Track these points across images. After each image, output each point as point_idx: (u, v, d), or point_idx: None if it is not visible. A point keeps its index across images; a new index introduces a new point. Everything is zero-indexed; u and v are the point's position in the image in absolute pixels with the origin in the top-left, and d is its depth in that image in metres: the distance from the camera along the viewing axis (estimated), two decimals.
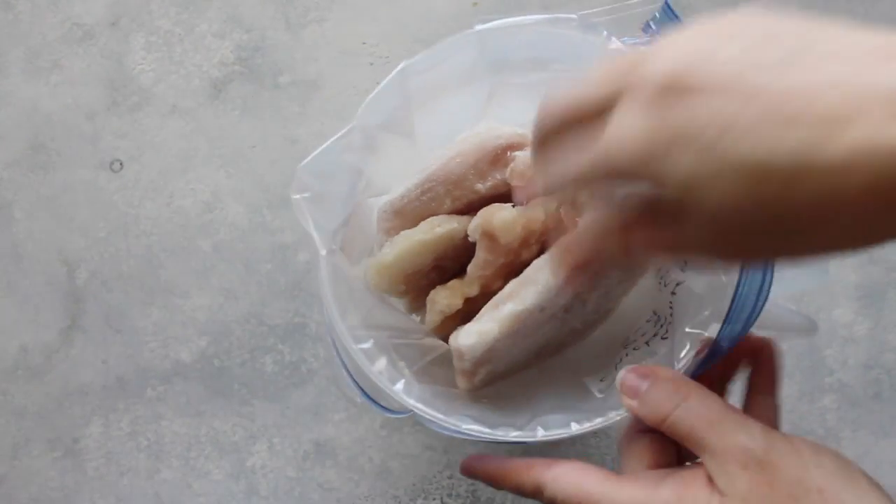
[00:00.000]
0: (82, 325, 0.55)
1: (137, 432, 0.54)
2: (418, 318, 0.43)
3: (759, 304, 0.34)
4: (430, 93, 0.41)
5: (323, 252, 0.38)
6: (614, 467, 0.31)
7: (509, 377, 0.42)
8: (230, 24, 0.60)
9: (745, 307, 0.34)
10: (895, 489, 0.52)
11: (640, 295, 0.42)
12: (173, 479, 0.53)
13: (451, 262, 0.40)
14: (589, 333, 0.43)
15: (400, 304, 0.43)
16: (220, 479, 0.53)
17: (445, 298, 0.39)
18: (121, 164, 0.58)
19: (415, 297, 0.41)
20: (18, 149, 0.58)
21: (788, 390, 0.53)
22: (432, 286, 0.40)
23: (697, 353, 0.36)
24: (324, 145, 0.39)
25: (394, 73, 0.39)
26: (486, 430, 0.36)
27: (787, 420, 0.53)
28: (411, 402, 0.37)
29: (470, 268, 0.39)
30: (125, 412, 0.54)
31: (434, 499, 0.52)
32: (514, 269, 0.38)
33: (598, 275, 0.37)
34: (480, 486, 0.52)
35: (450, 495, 0.52)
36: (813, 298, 0.54)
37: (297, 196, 0.38)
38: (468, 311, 0.38)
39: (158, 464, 0.53)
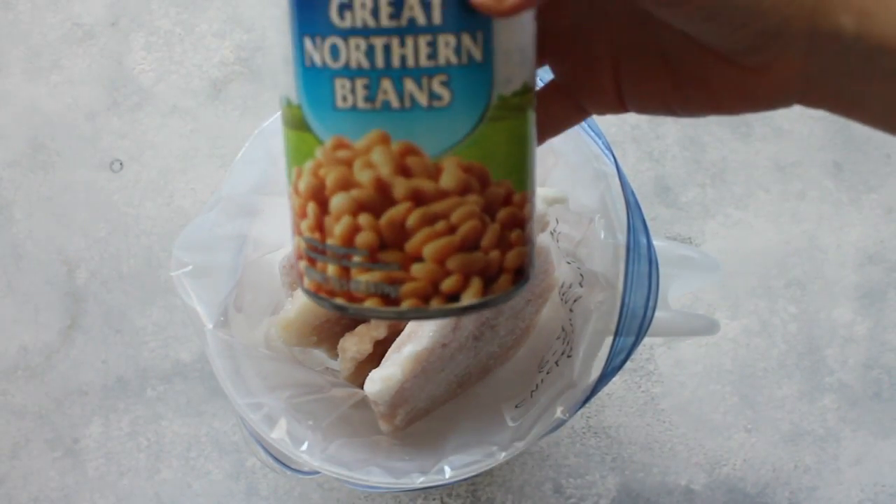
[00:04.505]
0: (82, 325, 0.55)
1: (137, 432, 0.54)
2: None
3: (648, 313, 0.33)
4: None
5: (209, 326, 0.37)
6: (614, 467, 0.31)
7: (436, 409, 0.41)
8: (230, 24, 0.60)
9: (635, 318, 0.33)
10: (895, 489, 0.52)
11: (557, 311, 0.41)
12: (173, 479, 0.53)
13: None
14: (513, 354, 0.42)
15: (321, 353, 0.42)
16: (220, 479, 0.53)
17: (354, 345, 0.38)
18: (121, 164, 0.58)
19: (331, 345, 0.41)
20: (18, 149, 0.58)
21: (788, 390, 0.53)
22: (346, 332, 0.39)
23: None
24: (195, 219, 0.38)
25: (252, 137, 0.37)
26: (392, 479, 0.35)
27: (787, 420, 0.53)
28: (316, 464, 0.36)
29: None
30: (125, 412, 0.54)
31: (434, 499, 0.52)
32: None
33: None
34: (480, 485, 0.52)
35: (450, 495, 0.52)
36: (813, 298, 0.54)
37: (176, 273, 0.37)
38: (381, 353, 0.37)
39: (158, 464, 0.53)
